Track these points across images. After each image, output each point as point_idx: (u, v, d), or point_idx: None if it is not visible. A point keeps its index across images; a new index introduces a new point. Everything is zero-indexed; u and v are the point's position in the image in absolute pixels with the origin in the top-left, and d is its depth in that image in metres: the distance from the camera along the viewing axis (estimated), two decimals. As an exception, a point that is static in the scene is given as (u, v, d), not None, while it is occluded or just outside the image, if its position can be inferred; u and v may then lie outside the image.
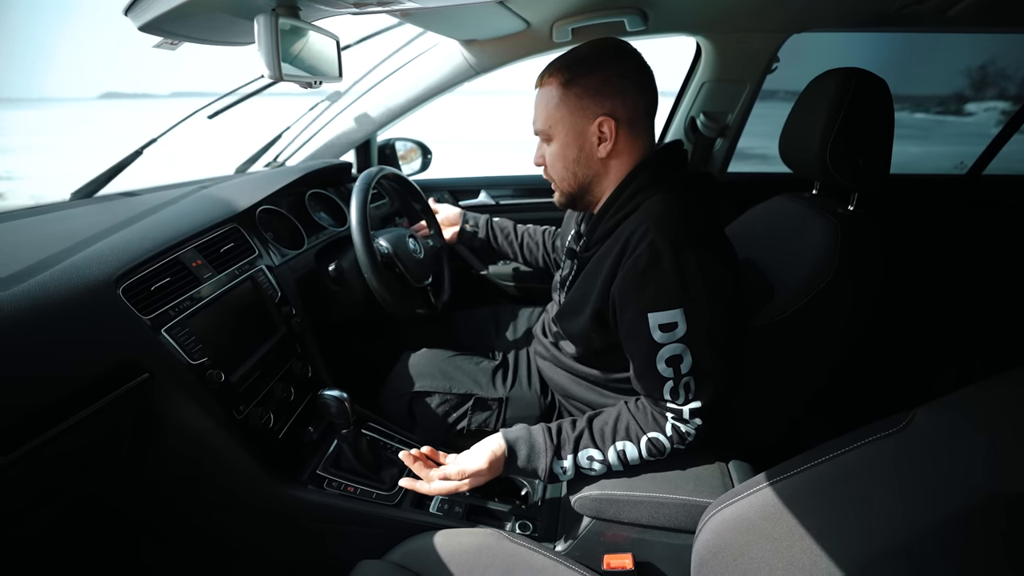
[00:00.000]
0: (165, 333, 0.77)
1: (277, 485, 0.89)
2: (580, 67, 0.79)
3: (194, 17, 0.65)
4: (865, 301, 0.89)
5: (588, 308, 0.83)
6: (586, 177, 0.84)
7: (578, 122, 0.80)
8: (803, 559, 0.48)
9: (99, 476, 0.82)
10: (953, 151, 4.60)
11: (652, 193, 0.79)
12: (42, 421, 0.63)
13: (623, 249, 0.77)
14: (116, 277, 0.74)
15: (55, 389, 0.64)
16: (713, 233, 0.79)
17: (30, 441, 0.61)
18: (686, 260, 0.72)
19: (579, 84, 0.79)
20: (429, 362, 1.09)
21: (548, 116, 0.82)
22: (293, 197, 1.25)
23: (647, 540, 0.81)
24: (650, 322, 0.73)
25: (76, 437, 0.66)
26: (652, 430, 0.78)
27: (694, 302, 0.72)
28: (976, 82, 15.09)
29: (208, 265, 0.91)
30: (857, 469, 0.48)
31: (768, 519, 0.53)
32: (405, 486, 0.82)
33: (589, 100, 0.78)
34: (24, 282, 0.65)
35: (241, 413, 0.87)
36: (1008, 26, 1.16)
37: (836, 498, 0.49)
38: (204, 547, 1.02)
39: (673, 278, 0.72)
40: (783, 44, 1.23)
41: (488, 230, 1.33)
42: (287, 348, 1.02)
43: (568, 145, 0.82)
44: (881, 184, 0.86)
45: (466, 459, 0.80)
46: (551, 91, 0.81)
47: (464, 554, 0.76)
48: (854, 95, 0.83)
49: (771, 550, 0.51)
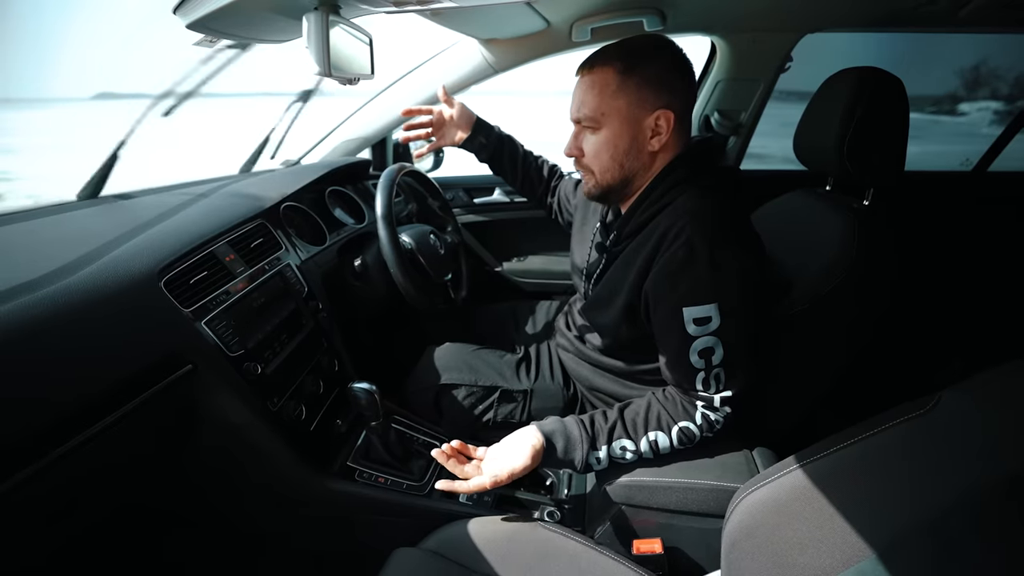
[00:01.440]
0: (205, 326, 0.79)
1: (312, 476, 0.91)
2: (639, 57, 0.78)
3: (240, 15, 0.67)
4: (882, 292, 0.91)
5: (620, 301, 0.85)
6: (632, 170, 0.83)
7: (636, 112, 0.79)
8: (834, 537, 0.49)
9: (143, 472, 0.83)
10: (949, 150, 4.65)
11: (686, 189, 0.80)
12: (92, 414, 0.64)
13: (658, 245, 0.78)
14: (159, 270, 0.75)
15: (107, 378, 0.66)
16: (744, 229, 0.81)
17: (82, 432, 0.62)
18: (721, 256, 0.74)
19: (639, 74, 0.78)
20: (455, 355, 1.11)
21: (601, 103, 0.80)
22: (313, 194, 1.27)
23: (675, 525, 0.83)
24: (684, 316, 0.75)
25: (125, 429, 0.68)
26: (683, 419, 0.80)
27: (728, 297, 0.75)
28: (969, 82, 15.23)
29: (240, 260, 0.92)
30: (885, 450, 0.50)
31: (799, 500, 0.55)
32: (442, 488, 0.79)
33: (649, 91, 0.78)
34: (70, 277, 0.67)
35: (275, 405, 0.88)
36: (1017, 27, 1.19)
37: (865, 478, 0.51)
38: (233, 539, 1.04)
39: (709, 274, 0.74)
40: (797, 44, 1.25)
41: (496, 147, 1.20)
42: (315, 342, 1.04)
43: (620, 135, 0.81)
44: (897, 179, 0.89)
45: (507, 455, 0.78)
46: (607, 78, 0.79)
47: (499, 541, 0.78)
48: (872, 93, 0.86)
49: (802, 529, 0.53)
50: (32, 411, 0.58)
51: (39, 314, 0.60)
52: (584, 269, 1.01)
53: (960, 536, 0.42)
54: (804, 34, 1.23)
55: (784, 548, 0.55)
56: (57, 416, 0.60)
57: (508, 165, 1.22)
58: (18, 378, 0.57)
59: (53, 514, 0.67)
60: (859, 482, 0.51)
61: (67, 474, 0.64)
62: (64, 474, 0.63)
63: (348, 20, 0.74)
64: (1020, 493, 0.40)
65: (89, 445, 0.63)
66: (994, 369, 0.46)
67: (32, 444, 0.58)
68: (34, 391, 0.59)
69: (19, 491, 0.56)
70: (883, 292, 0.92)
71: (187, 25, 0.66)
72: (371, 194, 1.47)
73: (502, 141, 1.20)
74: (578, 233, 1.08)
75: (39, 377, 0.59)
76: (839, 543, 0.50)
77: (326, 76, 0.63)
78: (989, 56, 13.57)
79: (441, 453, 0.80)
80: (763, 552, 0.57)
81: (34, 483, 0.58)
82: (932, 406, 0.48)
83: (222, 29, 0.68)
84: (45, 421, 0.59)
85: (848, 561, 0.47)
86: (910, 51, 0.92)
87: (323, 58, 0.60)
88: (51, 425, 0.60)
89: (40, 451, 0.59)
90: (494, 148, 1.19)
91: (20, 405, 0.57)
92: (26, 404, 0.58)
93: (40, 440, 0.59)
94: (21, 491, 0.57)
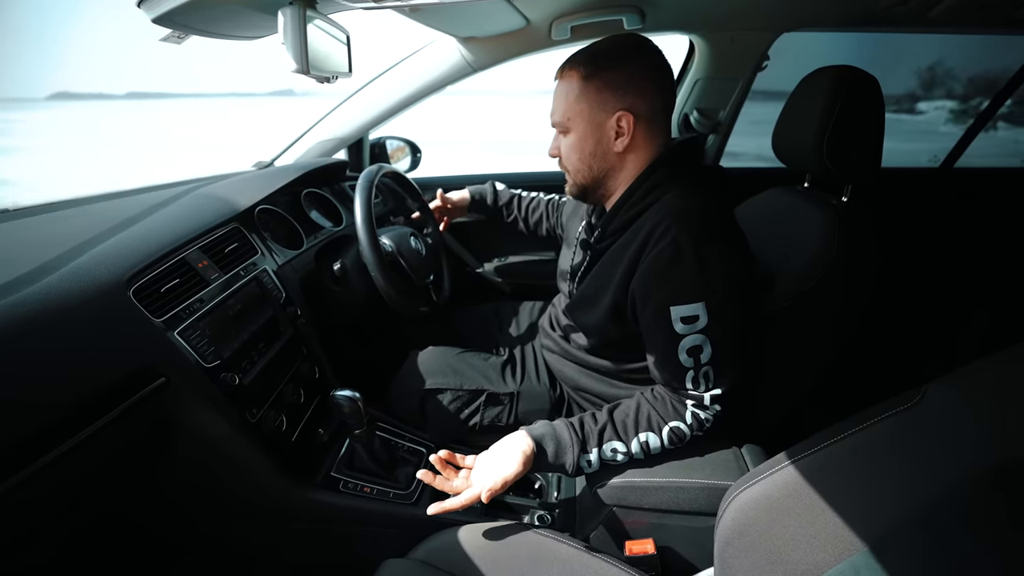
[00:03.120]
0: (178, 336, 0.75)
1: (295, 488, 0.88)
2: (602, 61, 0.79)
3: (208, 10, 0.63)
4: (864, 287, 0.93)
5: (606, 300, 0.84)
6: (601, 170, 0.85)
7: (597, 115, 0.81)
8: (826, 532, 0.49)
9: (118, 489, 0.79)
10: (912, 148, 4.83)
11: (670, 189, 0.80)
12: (58, 433, 0.60)
13: (643, 244, 0.78)
14: (127, 279, 0.71)
15: (72, 397, 0.61)
16: (730, 227, 0.81)
17: (48, 453, 0.58)
18: (707, 255, 0.74)
19: (600, 78, 0.79)
20: (439, 359, 1.09)
21: (567, 108, 0.82)
22: (288, 196, 1.23)
23: (666, 525, 0.83)
24: (672, 315, 0.75)
25: (94, 447, 0.64)
26: (673, 419, 0.80)
27: (715, 295, 0.75)
28: (925, 82, 15.81)
29: (214, 266, 0.88)
30: (874, 444, 0.50)
31: (791, 496, 0.55)
32: (435, 513, 0.75)
33: (609, 94, 0.79)
34: (29, 287, 0.62)
35: (255, 416, 0.85)
36: (985, 27, 1.23)
37: (856, 472, 0.51)
38: (220, 558, 0.99)
39: (695, 273, 0.74)
40: (774, 43, 1.27)
41: (495, 210, 1.35)
42: (294, 350, 1.01)
43: (585, 138, 0.83)
44: (874, 176, 0.90)
45: (498, 463, 0.77)
46: (571, 83, 0.81)
47: (490, 548, 0.76)
48: (849, 91, 0.87)
49: (795, 525, 0.53)
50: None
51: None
52: (569, 269, 1.00)
53: (949, 528, 0.42)
54: (780, 33, 1.25)
55: (777, 544, 0.55)
56: (16, 440, 0.56)
57: (509, 219, 1.35)
58: None
59: (14, 542, 0.63)
60: (850, 477, 0.52)
61: (29, 498, 0.59)
62: (26, 499, 0.59)
63: (325, 16, 0.72)
64: (1007, 484, 0.40)
65: (50, 469, 0.59)
66: (978, 361, 0.47)
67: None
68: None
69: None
70: (865, 286, 0.93)
71: (153, 19, 0.62)
72: (348, 196, 1.43)
73: (498, 203, 1.34)
74: (566, 240, 1.08)
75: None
76: (831, 538, 0.50)
77: (304, 74, 0.60)
78: (944, 57, 14.13)
79: (427, 473, 0.78)
80: (756, 549, 0.57)
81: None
82: (919, 399, 0.49)
83: (190, 24, 0.65)
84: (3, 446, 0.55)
85: (840, 555, 0.47)
86: (871, 52, 0.95)
87: (301, 55, 0.58)
88: (10, 449, 0.55)
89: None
90: (494, 212, 1.35)
91: None
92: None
93: None
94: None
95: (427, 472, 0.78)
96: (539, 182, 1.73)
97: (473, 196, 1.34)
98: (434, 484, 0.77)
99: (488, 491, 0.73)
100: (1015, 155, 6.91)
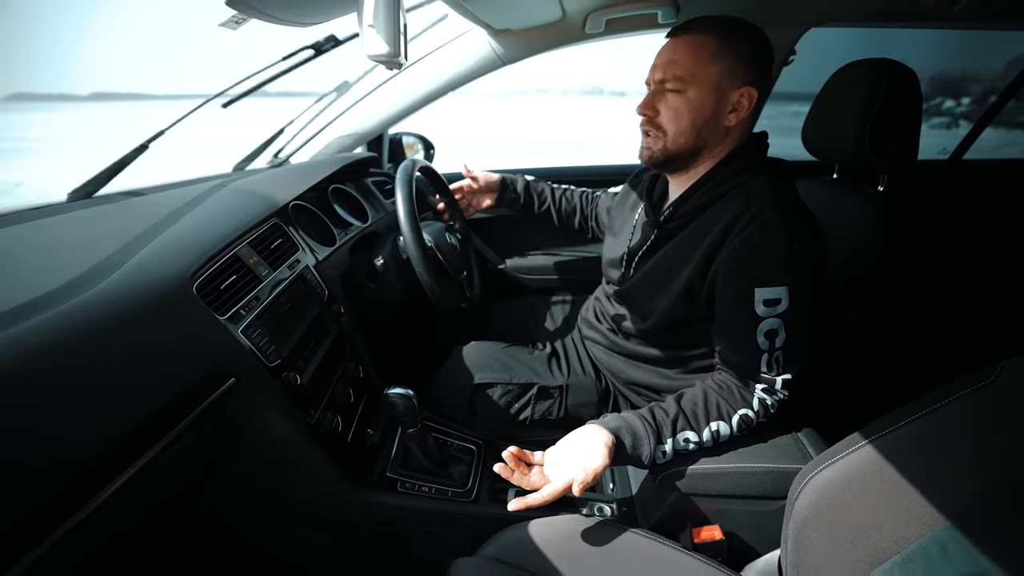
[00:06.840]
0: (241, 334, 0.72)
1: (357, 491, 0.85)
2: (737, 31, 0.79)
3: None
4: (905, 272, 0.95)
5: (680, 280, 0.84)
6: (705, 139, 0.83)
7: (725, 83, 0.79)
8: (908, 509, 0.51)
9: (177, 507, 0.74)
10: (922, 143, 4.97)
11: (756, 174, 0.81)
12: (133, 447, 0.56)
13: (730, 225, 0.78)
14: (191, 274, 0.68)
15: (156, 403, 0.58)
16: (810, 214, 0.83)
17: (127, 470, 0.54)
18: (796, 240, 0.75)
19: (736, 46, 0.79)
20: (486, 354, 1.07)
21: (695, 67, 0.79)
22: (316, 192, 1.19)
23: (731, 510, 0.84)
24: (756, 296, 0.76)
25: (166, 462, 0.59)
26: (741, 407, 0.81)
27: (799, 280, 0.76)
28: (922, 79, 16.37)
29: (263, 262, 0.85)
30: (951, 422, 0.51)
31: (869, 476, 0.56)
32: (516, 508, 0.72)
33: (742, 66, 0.79)
34: (93, 286, 0.58)
35: (312, 417, 0.82)
36: (1010, 21, 1.27)
37: (934, 450, 0.52)
38: (268, 569, 0.95)
39: (784, 256, 0.75)
40: (801, 37, 1.29)
41: (527, 197, 1.31)
42: (340, 349, 0.98)
43: (704, 103, 0.80)
44: (911, 165, 0.93)
45: (580, 455, 0.75)
46: (706, 42, 0.79)
47: (561, 541, 0.76)
48: (889, 83, 0.89)
49: (875, 504, 0.54)
50: (47, 472, 0.47)
51: (51, 339, 0.50)
52: (625, 253, 0.99)
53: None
54: (808, 28, 1.27)
55: (856, 523, 0.56)
56: (81, 468, 0.50)
57: (541, 209, 1.31)
58: (27, 428, 0.46)
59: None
60: (929, 454, 0.53)
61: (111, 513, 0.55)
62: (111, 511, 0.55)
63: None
64: None
65: (126, 487, 0.54)
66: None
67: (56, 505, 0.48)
68: (45, 443, 0.48)
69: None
70: (905, 272, 0.95)
71: (227, 2, 0.59)
72: (372, 191, 1.40)
73: (530, 191, 1.31)
74: (614, 232, 1.07)
75: (54, 422, 0.48)
76: (914, 515, 0.51)
77: (393, 59, 0.57)
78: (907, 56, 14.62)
79: (504, 468, 0.76)
80: (835, 528, 0.58)
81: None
82: (995, 377, 0.50)
83: (260, 7, 0.62)
84: (70, 475, 0.49)
85: (923, 531, 0.49)
86: (864, 53, 0.99)
87: (395, 37, 0.55)
88: (79, 478, 0.50)
89: (55, 519, 0.48)
90: (525, 199, 1.30)
91: (32, 459, 0.47)
92: (34, 467, 0.47)
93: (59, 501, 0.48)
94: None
95: (504, 467, 0.76)
96: (552, 175, 1.73)
97: (504, 180, 1.31)
98: (512, 479, 0.76)
99: (580, 484, 0.72)
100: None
